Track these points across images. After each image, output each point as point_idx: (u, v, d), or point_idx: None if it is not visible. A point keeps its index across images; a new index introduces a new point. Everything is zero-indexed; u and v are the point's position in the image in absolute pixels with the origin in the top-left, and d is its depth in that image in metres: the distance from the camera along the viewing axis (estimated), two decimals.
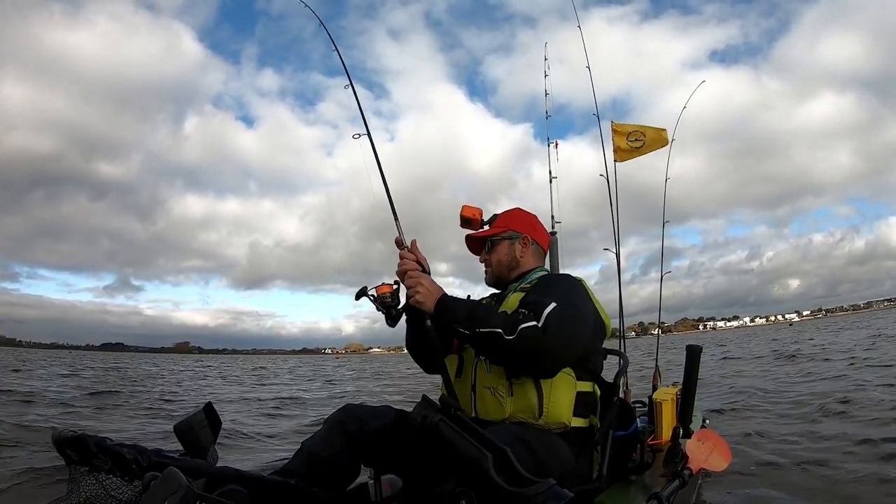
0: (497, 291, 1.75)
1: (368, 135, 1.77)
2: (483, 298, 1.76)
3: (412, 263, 1.57)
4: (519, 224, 1.74)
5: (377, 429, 1.50)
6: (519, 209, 1.82)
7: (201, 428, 1.28)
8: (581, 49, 3.28)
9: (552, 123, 3.25)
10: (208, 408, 1.34)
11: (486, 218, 1.77)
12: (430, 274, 1.62)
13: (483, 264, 1.77)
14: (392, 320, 1.59)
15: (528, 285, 1.62)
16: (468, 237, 1.78)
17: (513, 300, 1.58)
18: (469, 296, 1.64)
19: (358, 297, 1.56)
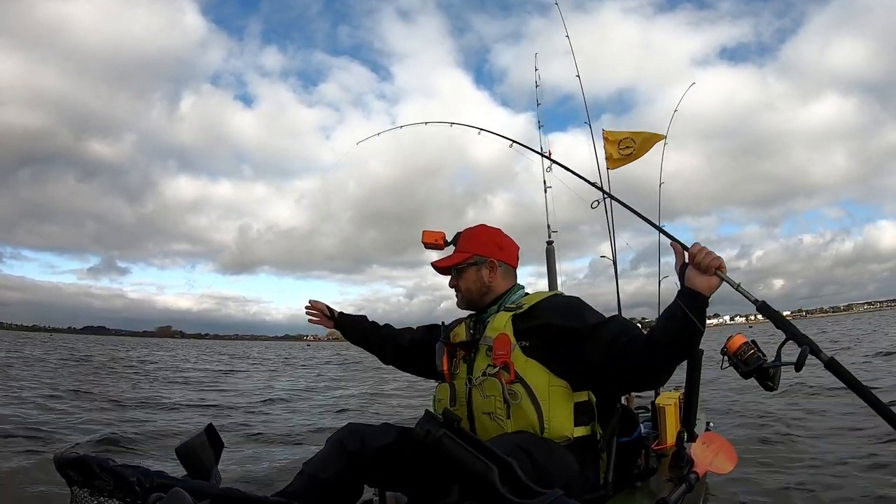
0: (471, 312, 1.73)
1: None
2: (461, 319, 1.74)
3: None
4: (483, 248, 1.69)
5: (378, 448, 1.48)
6: (483, 227, 1.76)
7: (203, 450, 1.24)
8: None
9: (545, 131, 3.24)
10: (209, 429, 1.30)
11: (449, 238, 1.75)
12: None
13: (453, 289, 1.74)
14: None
15: (514, 305, 1.60)
16: (434, 264, 1.74)
17: (499, 320, 1.56)
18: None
19: None
